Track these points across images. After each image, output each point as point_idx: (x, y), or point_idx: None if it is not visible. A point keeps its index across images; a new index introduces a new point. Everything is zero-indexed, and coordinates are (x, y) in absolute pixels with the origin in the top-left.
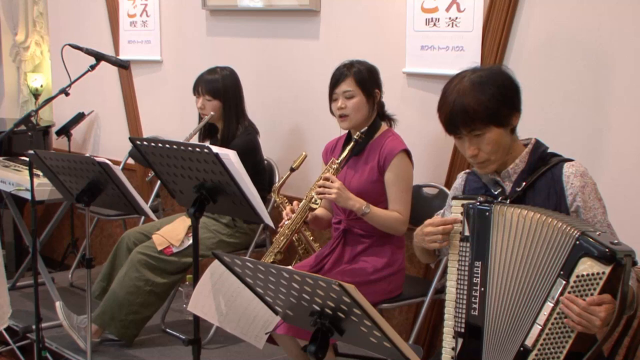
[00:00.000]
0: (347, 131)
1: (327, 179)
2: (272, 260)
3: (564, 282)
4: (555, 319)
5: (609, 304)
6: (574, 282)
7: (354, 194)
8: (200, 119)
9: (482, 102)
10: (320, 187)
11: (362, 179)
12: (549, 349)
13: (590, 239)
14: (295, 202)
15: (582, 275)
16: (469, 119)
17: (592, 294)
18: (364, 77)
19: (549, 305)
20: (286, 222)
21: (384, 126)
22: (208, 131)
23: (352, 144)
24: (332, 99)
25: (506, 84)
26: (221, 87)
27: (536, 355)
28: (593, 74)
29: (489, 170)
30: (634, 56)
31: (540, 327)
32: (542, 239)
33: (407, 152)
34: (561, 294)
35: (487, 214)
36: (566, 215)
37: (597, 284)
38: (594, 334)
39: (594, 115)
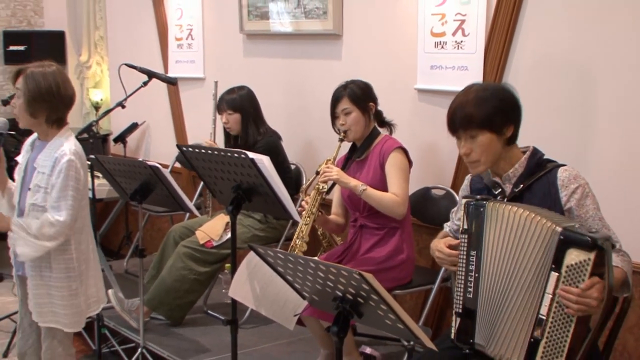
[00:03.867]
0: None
1: (328, 167)
2: (298, 244)
3: (557, 274)
4: (556, 308)
5: (599, 283)
6: (565, 272)
7: None
8: (226, 133)
9: (481, 108)
10: (323, 173)
11: (368, 179)
12: (555, 335)
13: (572, 232)
14: (307, 197)
15: (572, 265)
16: (466, 121)
17: (583, 280)
18: (357, 95)
19: (548, 297)
20: (303, 213)
21: (382, 134)
22: (234, 140)
23: (338, 144)
24: (334, 117)
25: (506, 99)
26: (239, 102)
27: (545, 342)
28: (580, 90)
29: (478, 171)
30: (616, 74)
31: (544, 318)
32: (530, 235)
33: (403, 149)
34: (556, 285)
35: (482, 209)
36: (551, 212)
37: (586, 269)
38: (594, 314)
39: (580, 127)
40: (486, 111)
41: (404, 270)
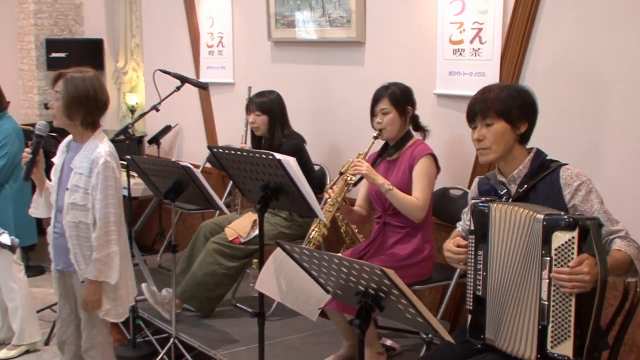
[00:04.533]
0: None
1: (359, 161)
2: (318, 229)
3: (548, 258)
4: (554, 290)
5: (588, 259)
6: (555, 255)
7: None
8: (253, 134)
9: (501, 98)
10: (354, 166)
11: (397, 180)
12: (559, 316)
13: (554, 218)
14: (333, 187)
15: (559, 247)
16: (485, 107)
17: (572, 258)
18: (397, 97)
19: (545, 282)
20: (328, 200)
21: (414, 137)
22: (258, 141)
23: (372, 140)
24: (372, 114)
25: (526, 98)
26: (268, 105)
27: (552, 327)
28: (594, 95)
29: (487, 159)
30: (625, 79)
31: (547, 303)
32: (523, 229)
33: (434, 156)
34: (550, 270)
35: (487, 210)
36: (548, 208)
37: (573, 248)
38: (591, 289)
39: (591, 130)
40: (506, 104)
41: (424, 267)
